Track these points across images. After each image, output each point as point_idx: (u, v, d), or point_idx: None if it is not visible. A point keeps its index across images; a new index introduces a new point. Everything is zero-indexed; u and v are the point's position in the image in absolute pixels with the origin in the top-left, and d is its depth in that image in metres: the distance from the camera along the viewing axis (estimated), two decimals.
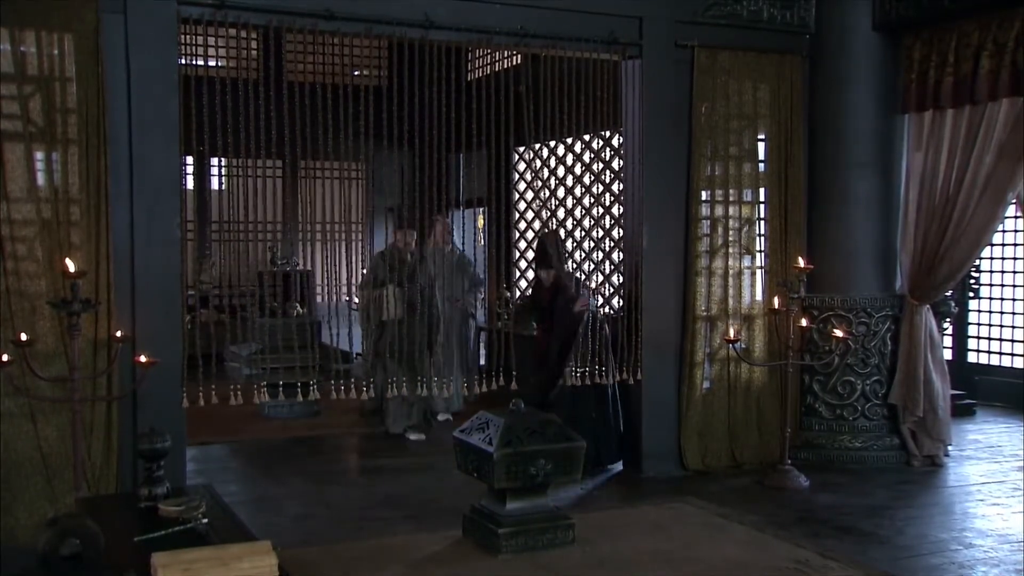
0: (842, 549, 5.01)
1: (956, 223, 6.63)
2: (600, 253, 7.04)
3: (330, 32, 5.83)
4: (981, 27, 6.13)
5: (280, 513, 5.66)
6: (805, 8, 6.96)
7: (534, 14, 6.20)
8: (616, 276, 7.02)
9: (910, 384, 6.90)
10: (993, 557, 4.95)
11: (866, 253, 7.00)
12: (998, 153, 6.41)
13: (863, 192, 6.96)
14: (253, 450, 7.57)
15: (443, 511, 5.57)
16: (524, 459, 4.72)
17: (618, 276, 6.98)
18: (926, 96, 6.60)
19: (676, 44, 6.59)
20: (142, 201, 5.36)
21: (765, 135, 7.00)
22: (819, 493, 6.21)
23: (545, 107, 6.39)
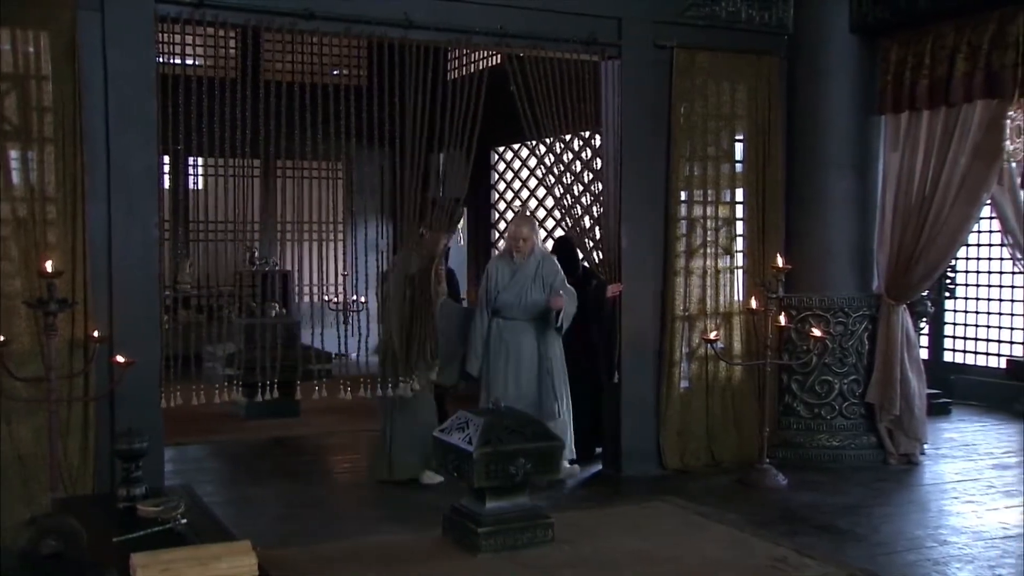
0: (820, 547, 5.04)
1: (932, 223, 6.69)
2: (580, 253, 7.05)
3: (309, 32, 5.81)
4: (956, 29, 6.19)
5: (259, 513, 5.64)
6: (783, 9, 7.01)
7: (514, 14, 6.21)
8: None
9: (887, 383, 6.96)
10: (967, 553, 5.00)
11: (843, 253, 7.04)
12: (973, 154, 6.47)
13: (840, 192, 7.00)
14: (231, 451, 7.54)
15: (423, 510, 5.57)
16: (503, 458, 4.74)
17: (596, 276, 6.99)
18: (902, 97, 6.65)
19: (655, 45, 6.62)
20: (119, 200, 5.32)
21: (743, 135, 7.04)
22: (797, 491, 6.24)
23: (525, 107, 6.40)
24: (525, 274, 6.43)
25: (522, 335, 6.42)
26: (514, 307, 6.41)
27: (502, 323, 6.45)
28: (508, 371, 6.39)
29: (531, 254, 6.46)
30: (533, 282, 6.43)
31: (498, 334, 6.46)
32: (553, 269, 6.50)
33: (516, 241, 6.48)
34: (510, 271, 6.48)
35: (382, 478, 6.36)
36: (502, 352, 6.42)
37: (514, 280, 6.44)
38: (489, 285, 6.50)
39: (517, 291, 6.42)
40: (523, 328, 6.42)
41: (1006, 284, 9.58)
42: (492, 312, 6.47)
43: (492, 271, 6.56)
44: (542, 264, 6.48)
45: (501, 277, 6.49)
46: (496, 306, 6.47)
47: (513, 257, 6.49)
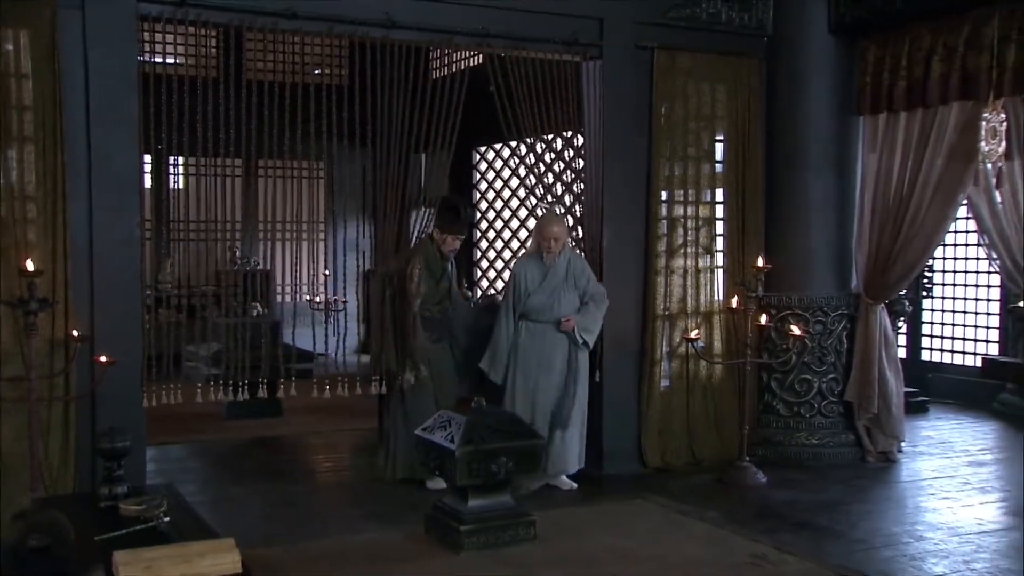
0: (798, 543, 5.10)
1: (909, 223, 6.76)
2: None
3: (291, 31, 5.82)
4: (932, 31, 6.26)
5: (242, 513, 5.63)
6: (762, 11, 7.06)
7: (495, 15, 6.23)
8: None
9: (865, 382, 7.02)
10: (943, 549, 5.07)
11: (822, 253, 7.10)
12: (949, 155, 6.54)
13: (819, 193, 7.06)
14: (213, 450, 7.53)
15: (406, 509, 5.59)
16: (486, 457, 4.76)
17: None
18: (880, 99, 6.71)
19: (636, 45, 6.66)
20: (100, 199, 5.31)
21: (723, 136, 7.09)
22: (776, 489, 6.30)
23: (506, 107, 6.43)
24: (556, 275, 6.14)
25: (554, 341, 6.12)
26: (546, 310, 6.11)
27: (532, 326, 6.14)
28: (539, 378, 6.08)
29: (562, 253, 6.18)
30: (565, 282, 6.16)
31: (528, 339, 6.14)
32: (582, 268, 6.26)
33: (548, 241, 6.14)
34: (540, 272, 6.17)
35: (385, 478, 6.26)
36: (532, 359, 6.11)
37: (546, 282, 6.14)
38: (517, 288, 6.17)
39: (549, 293, 6.13)
40: (554, 333, 6.12)
41: (982, 284, 9.69)
42: (519, 316, 6.16)
43: (520, 273, 6.22)
44: (572, 263, 6.22)
45: (531, 279, 6.17)
46: (525, 309, 6.15)
47: (543, 258, 6.17)
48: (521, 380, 6.11)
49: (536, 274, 6.18)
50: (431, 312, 6.27)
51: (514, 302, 6.18)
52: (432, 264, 6.29)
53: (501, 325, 6.20)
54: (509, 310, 6.18)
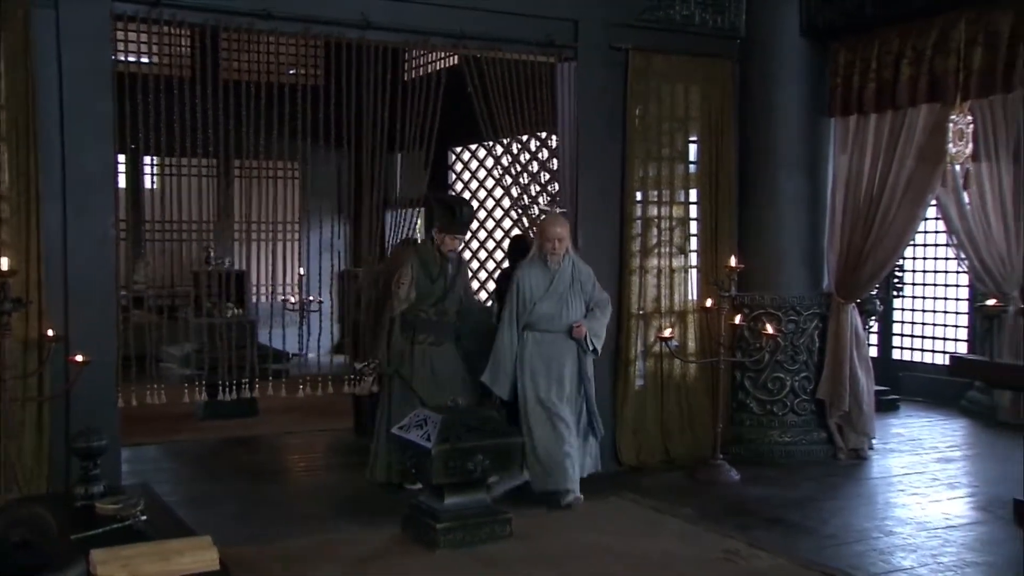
0: (770, 539, 5.16)
1: (879, 224, 6.86)
2: None
3: (267, 32, 5.82)
4: (901, 35, 6.35)
5: (218, 512, 5.62)
6: (735, 13, 7.13)
7: (471, 16, 6.26)
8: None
9: (836, 380, 7.11)
10: (911, 543, 5.16)
11: (795, 253, 7.18)
12: (918, 157, 6.65)
13: (792, 193, 7.14)
14: (189, 451, 7.51)
15: (383, 508, 5.60)
16: (462, 455, 4.79)
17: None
18: (851, 101, 6.80)
19: (610, 47, 6.71)
20: (74, 199, 5.30)
21: (697, 137, 7.16)
22: (749, 486, 6.36)
23: (482, 108, 6.46)
24: (563, 281, 5.84)
25: (564, 351, 5.82)
26: (554, 319, 5.79)
27: (539, 336, 5.80)
28: (553, 391, 5.77)
29: (565, 256, 5.88)
30: (571, 288, 5.85)
31: (535, 350, 5.80)
32: (588, 273, 5.98)
33: (551, 243, 5.79)
34: (545, 279, 5.83)
35: (378, 480, 6.08)
36: (542, 370, 5.79)
37: (552, 288, 5.81)
38: (521, 296, 5.82)
39: (557, 300, 5.81)
40: (563, 342, 5.82)
41: (951, 284, 9.83)
42: (524, 326, 5.83)
43: (524, 280, 5.84)
44: (576, 269, 5.92)
45: (535, 286, 5.82)
46: (531, 319, 5.81)
47: (547, 262, 5.84)
48: (533, 394, 5.78)
49: (540, 281, 5.85)
50: (427, 314, 6.04)
51: (518, 311, 5.82)
52: (430, 264, 6.06)
53: (504, 336, 5.83)
54: (512, 320, 5.83)
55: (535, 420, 5.76)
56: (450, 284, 6.08)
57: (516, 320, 5.82)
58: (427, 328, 6.04)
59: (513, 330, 5.82)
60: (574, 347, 5.86)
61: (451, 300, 6.09)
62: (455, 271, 6.15)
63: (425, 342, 6.02)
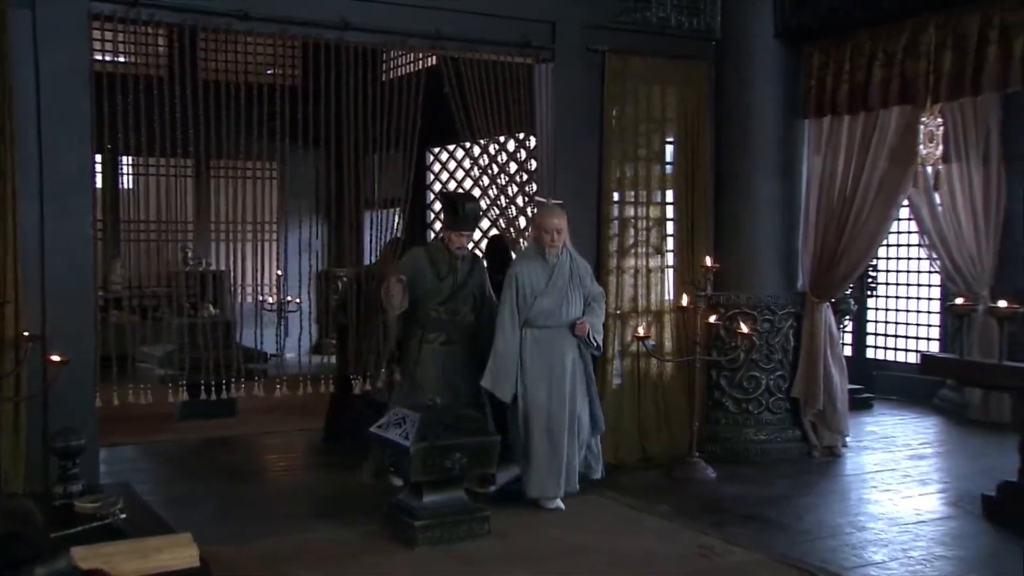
0: (745, 535, 5.23)
1: (852, 224, 6.96)
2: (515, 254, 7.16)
3: (245, 32, 5.83)
4: (872, 38, 6.44)
5: (197, 512, 5.62)
6: (711, 16, 7.20)
7: (449, 17, 6.29)
8: None
9: (811, 379, 7.20)
10: (883, 538, 5.24)
11: (770, 252, 7.26)
12: (890, 158, 6.75)
13: (767, 194, 7.21)
14: (167, 451, 7.50)
15: (361, 507, 5.61)
16: (440, 453, 4.83)
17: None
18: (824, 102, 6.89)
19: (588, 49, 6.76)
20: (52, 199, 5.28)
21: (673, 138, 7.22)
22: (725, 484, 6.43)
23: (459, 108, 6.49)
24: (562, 275, 5.64)
25: (564, 348, 5.62)
26: (555, 314, 5.58)
27: (538, 333, 5.59)
28: (553, 390, 5.58)
29: (563, 249, 5.69)
30: (571, 282, 5.65)
31: (534, 348, 5.59)
32: (586, 267, 5.84)
33: (550, 234, 5.58)
34: (544, 273, 5.62)
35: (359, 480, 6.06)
36: (544, 370, 5.58)
37: (552, 283, 5.61)
38: (521, 291, 5.58)
39: (557, 296, 5.60)
40: (564, 338, 5.62)
41: (924, 283, 9.95)
42: (524, 323, 5.61)
43: (521, 274, 5.62)
44: (575, 263, 5.74)
45: (535, 281, 5.60)
46: (530, 315, 5.58)
47: (546, 255, 5.63)
48: (532, 394, 5.58)
49: (539, 275, 5.63)
50: (436, 312, 5.87)
51: (518, 307, 5.59)
52: (438, 263, 5.88)
53: (505, 334, 5.58)
54: (513, 316, 5.58)
55: (532, 424, 5.60)
56: (460, 283, 5.89)
57: (517, 317, 5.59)
58: (437, 327, 5.88)
59: (515, 328, 5.58)
60: (574, 344, 5.68)
61: (461, 299, 5.91)
62: (468, 270, 5.96)
63: (435, 341, 5.86)
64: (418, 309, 5.86)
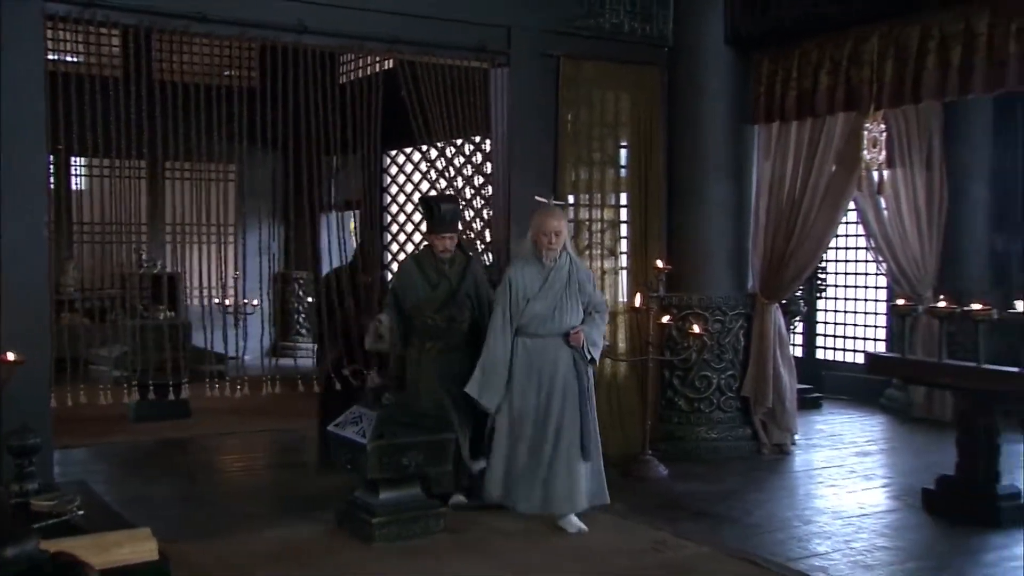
0: (697, 530, 5.36)
1: (800, 227, 7.15)
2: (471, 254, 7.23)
3: (203, 34, 5.84)
4: (819, 46, 6.63)
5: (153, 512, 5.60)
6: (663, 23, 7.35)
7: (406, 21, 6.34)
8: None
9: (761, 378, 7.37)
10: (827, 531, 5.42)
11: (721, 255, 7.41)
12: (836, 163, 6.95)
13: (718, 198, 7.36)
14: (122, 453, 7.47)
15: (319, 505, 5.66)
16: (396, 450, 4.90)
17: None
18: (773, 108, 7.06)
19: (543, 54, 6.86)
20: (7, 200, 5.25)
21: (627, 142, 7.35)
22: (678, 481, 6.56)
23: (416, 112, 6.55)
24: (558, 279, 5.30)
25: (557, 359, 5.27)
26: (547, 322, 5.26)
27: (530, 343, 5.28)
28: (543, 404, 5.25)
29: (562, 252, 5.37)
30: (568, 289, 5.31)
31: (525, 358, 5.28)
32: (588, 273, 5.54)
33: (548, 236, 5.27)
34: (540, 276, 5.31)
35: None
36: (532, 381, 5.27)
37: (547, 287, 5.29)
38: (512, 296, 5.29)
39: (551, 301, 5.27)
40: (558, 348, 5.27)
41: (871, 285, 10.20)
42: (516, 329, 5.31)
43: (516, 278, 5.31)
44: (575, 268, 5.40)
45: (529, 284, 5.29)
46: (522, 322, 5.28)
47: (542, 258, 5.33)
48: (520, 407, 5.28)
49: (534, 279, 5.32)
50: (433, 320, 5.71)
51: (511, 313, 5.29)
52: (428, 270, 5.79)
53: (496, 340, 5.29)
54: (505, 323, 5.29)
55: (516, 437, 5.30)
56: (454, 288, 5.75)
57: (509, 323, 5.29)
58: (434, 335, 5.72)
59: (506, 334, 5.28)
60: (569, 355, 5.29)
61: (457, 305, 5.73)
62: (460, 273, 5.82)
63: (433, 349, 5.71)
64: (414, 318, 5.73)
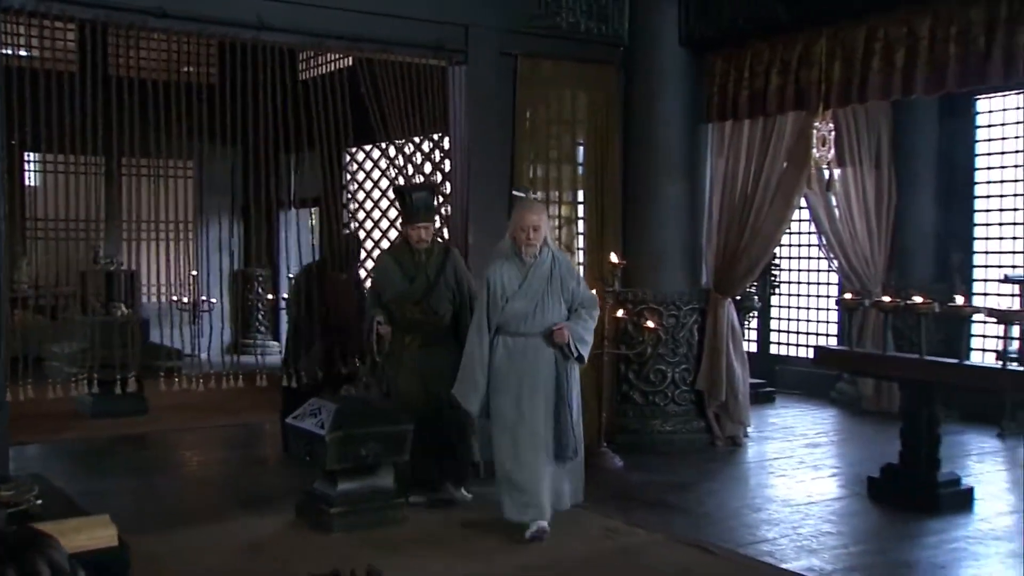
0: (649, 519, 5.49)
1: (752, 223, 7.31)
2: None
3: (161, 30, 5.85)
4: (770, 47, 6.79)
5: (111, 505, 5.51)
6: (619, 23, 7.46)
7: (365, 19, 6.38)
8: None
9: (714, 372, 7.51)
10: (775, 518, 5.57)
11: (675, 250, 7.54)
12: (786, 160, 7.12)
13: (672, 195, 7.49)
14: (77, 449, 7.45)
15: (278, 498, 5.71)
16: (355, 442, 4.96)
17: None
18: (726, 107, 7.21)
19: (500, 52, 6.94)
20: None
21: (583, 140, 7.47)
22: (632, 472, 6.68)
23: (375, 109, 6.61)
24: (539, 276, 5.09)
25: (538, 358, 5.05)
26: (527, 320, 5.04)
27: (510, 342, 5.07)
28: (524, 405, 5.03)
29: (543, 248, 5.16)
30: (549, 286, 5.10)
31: (505, 357, 5.07)
32: (570, 269, 5.30)
33: (526, 231, 5.05)
34: (519, 273, 5.10)
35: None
36: (512, 382, 5.05)
37: (526, 284, 5.08)
38: (492, 294, 5.08)
39: (531, 299, 5.06)
40: (538, 348, 5.05)
41: (824, 282, 10.42)
42: (495, 329, 5.11)
43: (494, 276, 5.11)
44: (557, 263, 5.18)
45: (508, 282, 5.09)
46: (501, 320, 5.07)
47: (522, 255, 5.11)
48: (498, 409, 5.08)
49: (513, 276, 5.10)
50: (412, 314, 5.60)
51: (489, 312, 5.09)
52: (404, 262, 5.67)
53: (474, 341, 5.11)
54: (483, 322, 5.10)
55: (500, 440, 5.13)
56: (432, 280, 5.62)
57: (488, 322, 5.09)
58: (414, 329, 5.62)
59: (484, 334, 5.09)
60: (552, 355, 5.07)
61: (436, 298, 5.62)
62: (439, 265, 5.67)
63: (413, 344, 5.62)
64: (394, 312, 5.62)
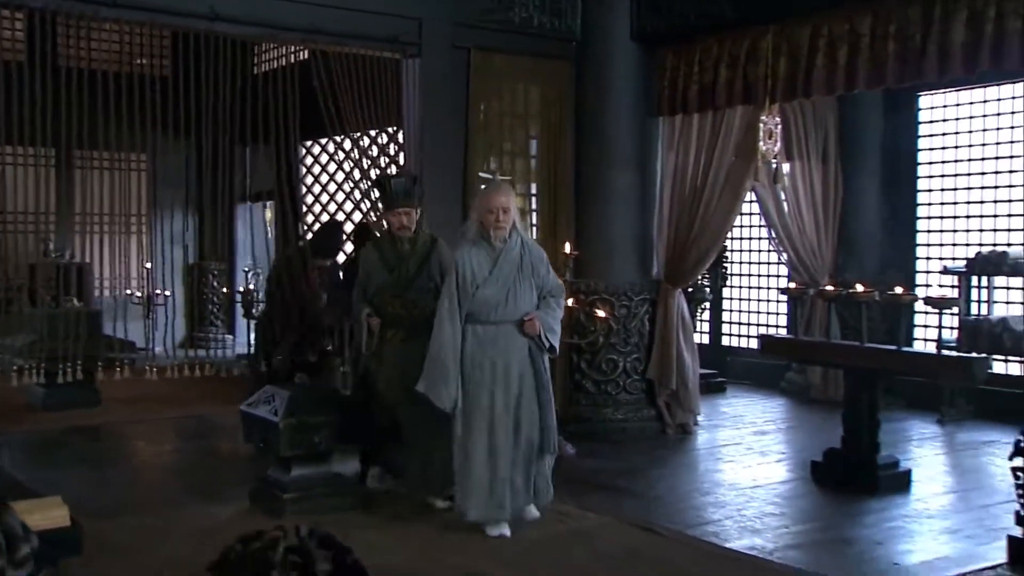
0: (600, 502, 5.60)
1: (702, 215, 7.46)
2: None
3: (112, 20, 5.84)
4: (719, 42, 6.94)
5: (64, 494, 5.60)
6: (571, 18, 7.57)
7: (319, 11, 6.44)
8: None
9: (665, 361, 7.66)
10: (722, 501, 5.73)
11: (627, 242, 7.66)
12: (735, 154, 7.28)
13: (624, 187, 7.61)
14: (28, 440, 7.39)
15: (232, 486, 5.74)
16: (308, 428, 5.01)
17: None
18: (676, 101, 7.35)
19: (454, 46, 7.03)
20: None
21: (536, 134, 7.57)
22: (585, 459, 6.77)
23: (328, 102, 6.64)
24: (509, 261, 4.89)
25: (510, 347, 4.85)
26: (498, 308, 4.84)
27: (480, 330, 4.84)
28: (496, 397, 4.84)
29: (512, 232, 4.94)
30: (520, 271, 4.90)
31: (476, 347, 4.84)
32: (540, 255, 5.06)
33: (495, 214, 4.84)
34: (489, 259, 4.88)
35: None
36: (484, 372, 4.83)
37: (497, 270, 4.86)
38: (461, 281, 4.84)
39: (503, 285, 4.85)
40: (510, 336, 4.85)
41: (773, 274, 10.62)
42: (465, 317, 4.87)
43: (463, 262, 4.87)
44: (527, 248, 4.99)
45: (478, 268, 4.86)
46: (471, 308, 4.85)
47: (491, 239, 4.88)
48: (472, 401, 4.84)
49: (483, 261, 4.88)
50: (393, 307, 5.41)
51: (459, 300, 4.85)
52: (386, 253, 5.48)
53: (442, 330, 4.84)
54: (454, 311, 4.84)
55: (470, 434, 4.87)
56: (413, 272, 5.42)
57: (457, 310, 4.85)
58: (395, 322, 5.41)
59: (455, 322, 4.84)
60: (524, 344, 4.90)
61: (417, 290, 5.40)
62: (422, 256, 5.47)
63: (395, 338, 5.40)
64: (376, 304, 5.45)
